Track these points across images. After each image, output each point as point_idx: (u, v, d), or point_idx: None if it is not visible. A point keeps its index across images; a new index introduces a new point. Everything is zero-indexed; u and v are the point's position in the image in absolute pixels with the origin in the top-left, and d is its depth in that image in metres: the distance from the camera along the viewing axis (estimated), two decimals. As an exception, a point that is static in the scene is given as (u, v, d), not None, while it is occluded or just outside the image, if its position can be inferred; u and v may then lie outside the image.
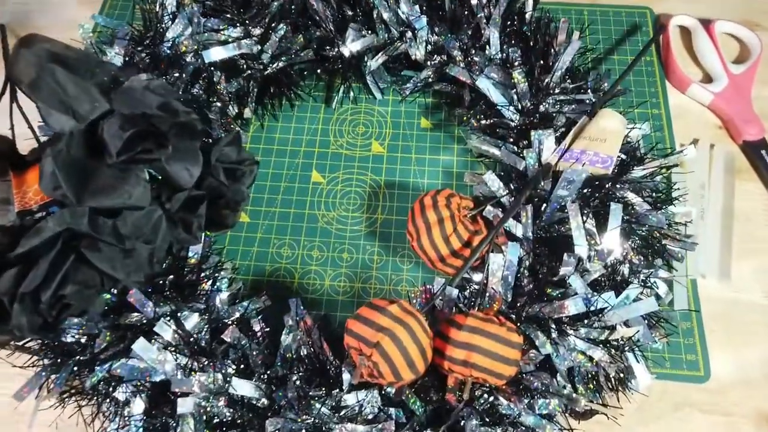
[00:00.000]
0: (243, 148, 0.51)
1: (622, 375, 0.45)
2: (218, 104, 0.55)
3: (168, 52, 0.53)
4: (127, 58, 0.53)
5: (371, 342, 0.37)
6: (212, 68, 0.54)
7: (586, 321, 0.43)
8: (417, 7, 0.56)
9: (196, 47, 0.53)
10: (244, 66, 0.55)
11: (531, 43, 0.55)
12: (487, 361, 0.38)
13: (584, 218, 0.46)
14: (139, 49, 0.53)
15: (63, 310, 0.38)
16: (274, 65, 0.56)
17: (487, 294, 0.44)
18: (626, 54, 0.62)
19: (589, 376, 0.44)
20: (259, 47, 0.55)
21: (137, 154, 0.39)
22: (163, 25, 0.54)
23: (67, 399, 0.43)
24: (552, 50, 0.54)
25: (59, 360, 0.42)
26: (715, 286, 0.52)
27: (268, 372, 0.42)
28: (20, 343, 0.43)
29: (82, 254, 0.38)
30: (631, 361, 0.45)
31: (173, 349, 0.42)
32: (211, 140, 0.51)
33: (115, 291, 0.42)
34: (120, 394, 0.42)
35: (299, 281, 0.52)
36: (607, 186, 0.47)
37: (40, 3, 0.68)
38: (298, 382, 0.42)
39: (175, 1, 0.54)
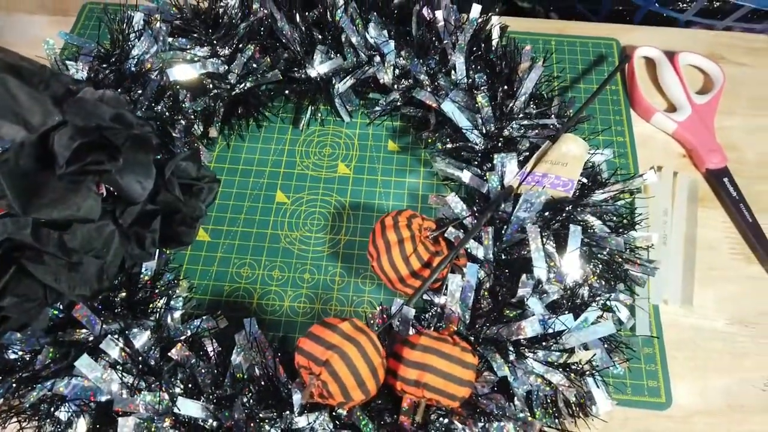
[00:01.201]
0: (205, 166, 0.50)
1: (582, 401, 0.44)
2: (183, 122, 0.54)
3: (133, 69, 0.53)
4: (91, 75, 0.52)
5: (320, 360, 0.36)
6: (177, 86, 0.54)
7: (544, 344, 0.43)
8: (385, 32, 0.57)
9: (161, 65, 0.53)
10: (211, 85, 0.55)
11: (497, 69, 0.55)
12: (440, 382, 0.37)
13: (544, 240, 0.45)
14: (104, 66, 0.53)
15: (2, 322, 0.37)
16: (241, 85, 0.56)
17: (445, 315, 0.43)
18: (592, 83, 0.63)
19: (548, 401, 0.44)
20: (226, 67, 0.55)
21: (87, 165, 0.38)
22: (130, 43, 0.54)
23: (7, 419, 0.42)
24: (516, 76, 0.55)
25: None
26: (677, 313, 0.51)
27: (217, 392, 0.40)
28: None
29: (24, 266, 0.37)
30: (591, 387, 0.44)
31: (119, 367, 0.41)
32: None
33: (62, 306, 0.41)
34: (62, 414, 0.41)
35: (258, 302, 0.51)
36: (567, 209, 0.47)
37: (11, 20, 0.68)
38: (247, 403, 0.40)
39: (142, 20, 0.55)
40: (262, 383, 0.42)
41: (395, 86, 0.57)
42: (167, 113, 0.53)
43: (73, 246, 0.39)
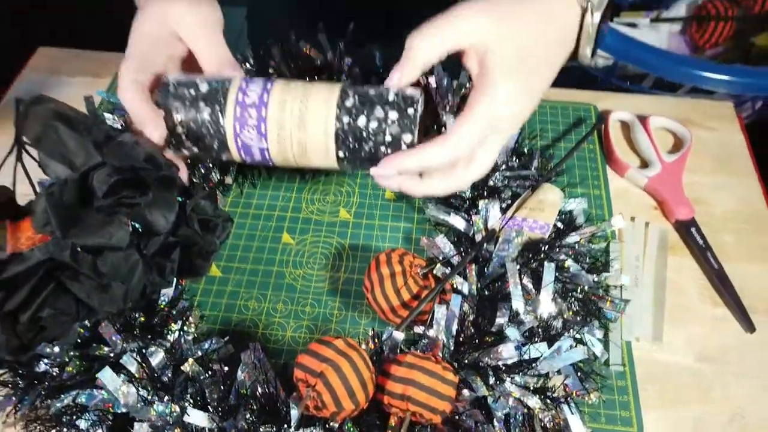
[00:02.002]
0: (219, 207, 0.56)
1: (557, 427, 0.48)
2: (202, 170, 0.61)
3: (161, 122, 0.60)
4: (124, 126, 0.60)
5: (316, 372, 0.41)
6: (199, 138, 0.60)
7: (521, 369, 0.47)
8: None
9: (186, 119, 0.60)
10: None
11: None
12: (423, 395, 0.42)
13: (522, 276, 0.51)
14: (135, 119, 0.60)
15: (39, 333, 0.42)
16: (255, 139, 0.63)
17: (430, 340, 0.48)
18: (571, 142, 0.70)
19: (526, 425, 0.47)
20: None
21: (121, 198, 0.44)
22: (159, 100, 0.61)
23: (32, 428, 0.46)
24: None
25: (29, 386, 0.45)
26: (649, 349, 0.56)
27: (222, 405, 0.45)
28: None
29: (62, 284, 0.42)
30: (566, 413, 0.48)
31: (137, 382, 0.45)
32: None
33: (89, 324, 0.46)
34: (83, 423, 0.45)
35: (263, 331, 0.56)
36: (544, 248, 0.52)
37: (54, 82, 0.77)
38: (250, 418, 0.45)
39: (171, 80, 0.62)
40: (263, 400, 0.46)
41: (393, 141, 0.64)
42: (189, 162, 0.60)
43: (104, 270, 0.45)
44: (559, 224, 0.56)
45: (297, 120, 0.43)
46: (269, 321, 0.56)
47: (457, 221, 0.58)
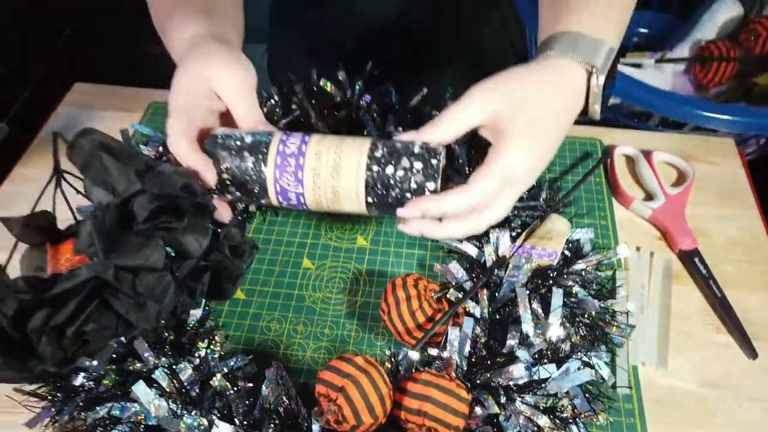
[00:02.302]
0: (245, 234, 0.60)
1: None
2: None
3: (191, 153, 0.64)
4: (157, 157, 0.64)
5: (337, 387, 0.44)
6: (226, 168, 0.64)
7: (529, 389, 0.49)
8: (400, 128, 0.68)
9: (215, 151, 0.64)
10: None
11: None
12: (438, 411, 0.44)
13: (531, 301, 0.53)
14: (167, 150, 0.64)
15: (81, 346, 0.45)
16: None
17: (444, 360, 0.51)
18: (578, 175, 0.73)
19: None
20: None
21: (159, 223, 0.48)
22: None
23: (67, 440, 0.49)
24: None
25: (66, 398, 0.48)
26: (655, 374, 0.58)
27: (247, 418, 0.47)
28: (31, 388, 0.50)
29: (105, 301, 0.45)
30: (574, 433, 0.50)
31: (168, 396, 0.48)
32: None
33: (124, 340, 0.49)
34: (116, 435, 0.48)
35: (283, 352, 0.58)
36: (552, 274, 0.55)
37: (87, 115, 0.81)
38: (272, 430, 0.47)
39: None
40: (285, 415, 0.49)
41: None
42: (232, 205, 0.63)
43: (141, 290, 0.48)
44: (567, 252, 0.58)
45: (331, 169, 0.48)
46: (290, 342, 0.59)
47: (470, 249, 0.61)
